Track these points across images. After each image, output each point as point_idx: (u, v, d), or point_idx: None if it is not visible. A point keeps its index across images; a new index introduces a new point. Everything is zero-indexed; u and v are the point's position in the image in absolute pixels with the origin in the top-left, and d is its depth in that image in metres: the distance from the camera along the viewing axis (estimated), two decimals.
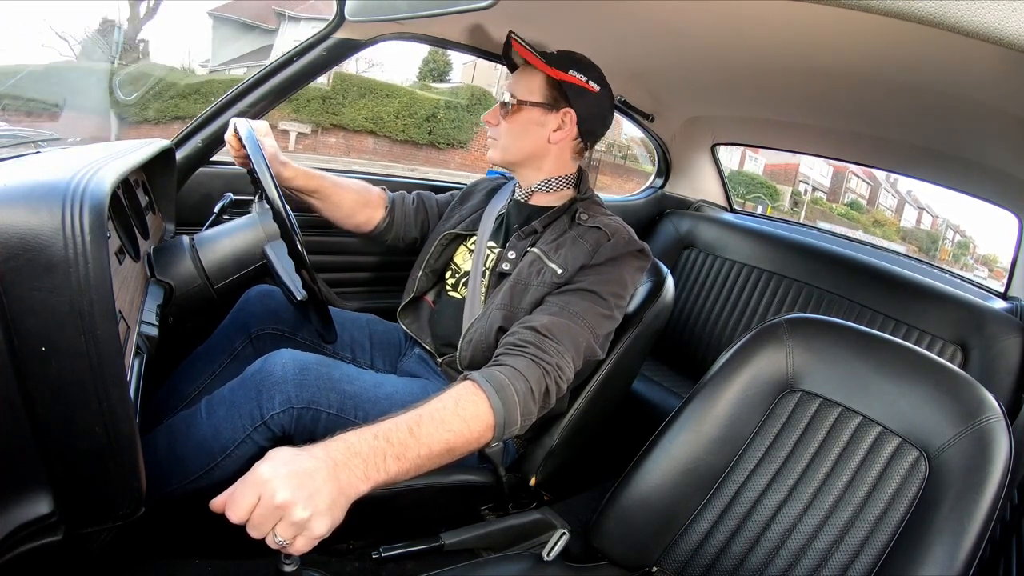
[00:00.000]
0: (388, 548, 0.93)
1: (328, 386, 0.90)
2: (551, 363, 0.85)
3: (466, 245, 1.16)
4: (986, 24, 0.43)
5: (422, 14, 1.06)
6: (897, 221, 19.92)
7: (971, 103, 1.15)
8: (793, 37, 1.11)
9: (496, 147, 1.09)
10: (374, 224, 1.20)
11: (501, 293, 1.00)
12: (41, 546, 0.55)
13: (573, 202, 1.08)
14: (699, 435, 0.86)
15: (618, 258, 0.99)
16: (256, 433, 0.86)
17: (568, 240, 1.01)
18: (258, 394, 0.86)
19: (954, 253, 19.22)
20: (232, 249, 0.96)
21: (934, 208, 20.35)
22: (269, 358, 0.90)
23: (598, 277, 0.97)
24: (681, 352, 1.90)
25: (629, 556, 0.86)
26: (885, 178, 18.46)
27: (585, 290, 0.95)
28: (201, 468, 0.86)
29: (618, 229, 1.03)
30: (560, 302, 0.94)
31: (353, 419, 0.91)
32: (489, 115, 1.09)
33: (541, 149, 1.07)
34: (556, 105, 1.04)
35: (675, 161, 2.18)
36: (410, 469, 0.68)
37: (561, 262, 0.98)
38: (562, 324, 0.89)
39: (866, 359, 0.85)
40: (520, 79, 1.06)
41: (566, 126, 1.05)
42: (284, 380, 0.87)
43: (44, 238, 0.48)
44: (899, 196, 19.76)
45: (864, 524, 0.76)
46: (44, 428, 0.52)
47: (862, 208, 19.30)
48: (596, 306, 0.94)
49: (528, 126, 1.05)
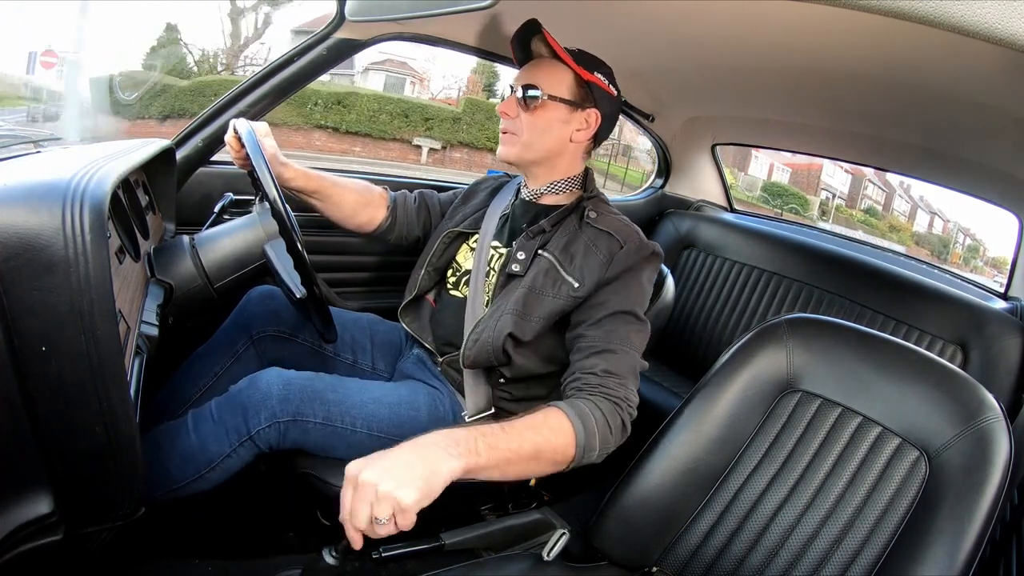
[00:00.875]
0: (388, 548, 0.93)
1: (312, 397, 0.92)
2: (620, 397, 0.87)
3: (468, 243, 1.15)
4: (986, 24, 0.43)
5: (422, 14, 1.06)
6: (911, 226, 20.88)
7: (971, 103, 1.15)
8: (793, 37, 1.11)
9: (515, 143, 1.03)
10: (376, 224, 1.20)
11: (513, 298, 0.98)
12: (41, 546, 0.55)
13: (580, 200, 1.06)
14: (699, 435, 0.86)
15: (633, 267, 0.98)
16: (242, 448, 0.89)
17: (580, 247, 0.99)
18: (244, 411, 0.89)
19: (964, 256, 19.66)
20: (232, 249, 0.96)
21: (945, 212, 20.86)
22: (254, 377, 0.92)
23: (623, 295, 0.95)
24: (681, 352, 1.90)
25: (629, 556, 0.86)
26: (899, 184, 19.01)
27: (619, 312, 0.94)
28: (185, 478, 0.88)
29: (629, 234, 1.01)
30: (602, 333, 0.92)
31: (340, 426, 0.93)
32: (506, 106, 1.03)
33: (561, 148, 1.04)
34: (583, 104, 1.02)
35: (675, 161, 2.18)
36: (500, 462, 0.71)
37: (577, 275, 0.97)
38: (615, 359, 0.90)
39: (866, 359, 0.85)
40: (544, 73, 1.02)
41: (589, 127, 1.04)
42: (268, 396, 0.89)
43: (44, 238, 0.48)
44: (912, 201, 20.48)
45: (864, 524, 0.76)
46: (44, 428, 0.52)
47: (878, 214, 20.31)
48: (632, 326, 0.94)
49: (553, 123, 1.02)
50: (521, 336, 0.96)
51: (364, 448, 0.94)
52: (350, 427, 0.94)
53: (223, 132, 1.21)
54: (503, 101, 1.05)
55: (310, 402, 0.91)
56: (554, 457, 0.78)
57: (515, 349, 0.98)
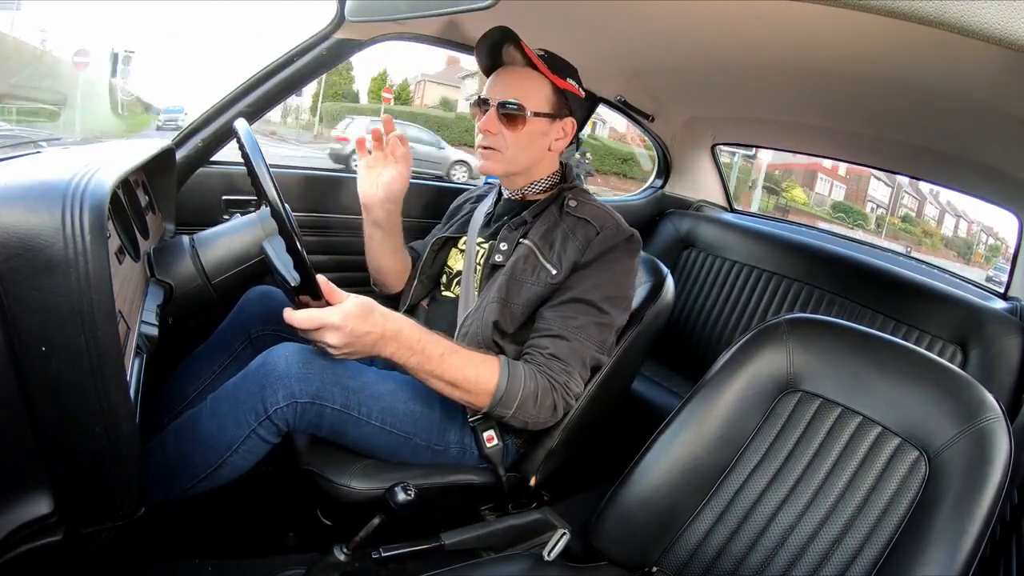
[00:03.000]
0: (388, 548, 0.93)
1: (332, 380, 0.90)
2: (559, 381, 0.93)
3: (457, 246, 1.17)
4: (986, 24, 0.43)
5: (422, 14, 1.06)
6: (939, 231, 23.10)
7: (971, 103, 1.15)
8: (793, 37, 1.11)
9: (500, 159, 1.03)
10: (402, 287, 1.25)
11: (496, 285, 1.00)
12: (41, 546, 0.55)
13: (561, 191, 1.08)
14: (699, 435, 0.86)
15: (607, 253, 0.98)
16: (261, 428, 0.86)
17: (559, 235, 1.01)
18: (261, 388, 0.86)
19: (986, 256, 20.67)
20: (232, 249, 0.96)
21: (969, 214, 22.40)
22: (272, 352, 0.90)
23: (591, 283, 0.97)
24: (681, 352, 1.90)
25: (629, 556, 0.86)
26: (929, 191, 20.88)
27: (580, 300, 0.96)
28: (209, 466, 0.86)
29: (605, 220, 1.01)
30: (558, 318, 0.96)
31: (356, 415, 0.92)
32: (488, 123, 1.02)
33: (541, 156, 1.06)
34: (561, 114, 1.03)
35: (675, 161, 2.18)
36: (418, 373, 0.89)
37: (555, 261, 0.98)
38: (565, 346, 0.95)
39: (866, 359, 0.85)
40: (522, 85, 1.01)
41: (567, 135, 1.05)
42: (288, 374, 0.87)
43: (44, 238, 0.48)
44: (940, 206, 22.53)
45: (864, 524, 0.76)
46: (44, 428, 0.52)
47: (913, 221, 22.54)
48: (592, 317, 0.96)
49: (535, 137, 1.03)
50: (506, 326, 0.98)
51: (372, 440, 0.95)
52: (365, 417, 0.93)
53: (223, 132, 1.21)
54: (484, 116, 1.03)
55: (330, 386, 0.89)
56: (466, 396, 0.91)
57: (503, 339, 0.99)
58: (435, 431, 0.99)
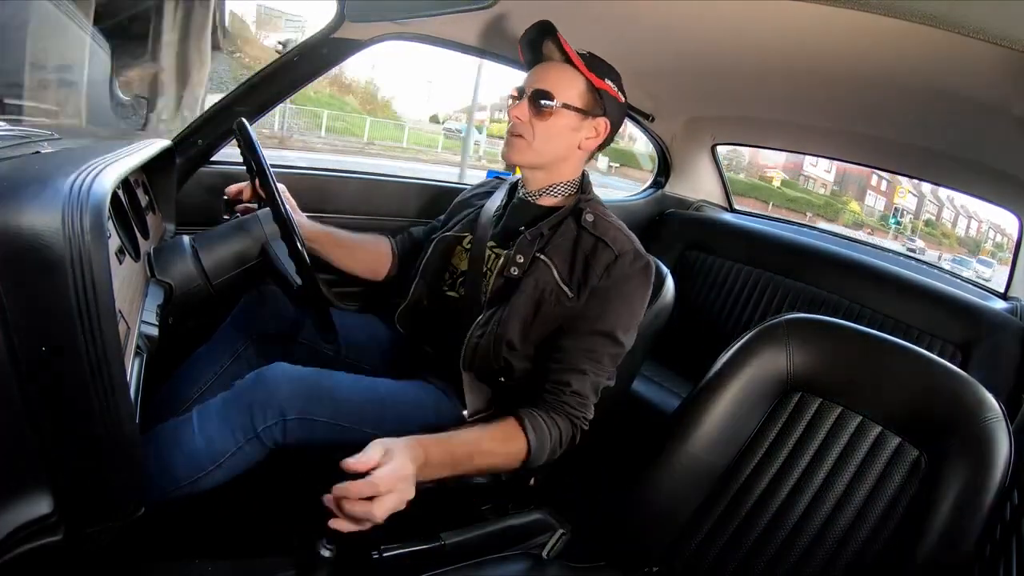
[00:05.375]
0: (388, 548, 0.93)
1: (319, 395, 0.91)
2: (579, 416, 0.95)
3: (462, 245, 1.15)
4: (986, 24, 0.43)
5: (422, 14, 1.06)
6: (954, 232, 26.42)
7: (971, 103, 1.15)
8: (793, 37, 1.11)
9: (526, 149, 1.03)
10: (384, 273, 1.26)
11: (512, 305, 0.98)
12: (41, 546, 0.55)
13: (577, 203, 1.06)
14: (699, 435, 0.86)
15: (624, 284, 0.99)
16: (248, 446, 0.87)
17: (579, 257, 1.00)
18: (250, 408, 0.88)
19: (992, 251, 22.40)
20: (233, 249, 0.96)
21: (980, 214, 25.03)
22: (261, 373, 0.91)
23: (610, 313, 0.97)
24: (681, 352, 1.90)
25: (629, 556, 0.86)
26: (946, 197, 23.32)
27: (599, 333, 0.96)
28: (189, 477, 0.87)
29: (624, 246, 1.01)
30: (578, 351, 0.96)
31: (347, 424, 0.92)
32: (518, 110, 1.02)
33: (568, 154, 1.05)
34: (594, 113, 1.02)
35: (675, 161, 2.18)
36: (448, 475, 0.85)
37: (574, 285, 0.99)
38: (584, 380, 0.96)
39: (866, 359, 0.85)
40: (555, 78, 1.01)
41: (599, 135, 1.04)
42: (276, 394, 0.88)
43: (44, 238, 0.48)
44: (955, 209, 25.84)
45: (865, 524, 0.76)
46: (44, 428, 0.52)
47: (934, 224, 26.33)
48: (608, 348, 0.97)
49: (564, 130, 1.02)
50: (518, 343, 0.98)
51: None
52: (356, 426, 0.93)
53: (223, 132, 1.22)
54: (515, 104, 1.04)
55: (317, 401, 0.90)
56: (506, 469, 0.92)
57: (511, 353, 0.99)
58: (432, 431, 0.99)
